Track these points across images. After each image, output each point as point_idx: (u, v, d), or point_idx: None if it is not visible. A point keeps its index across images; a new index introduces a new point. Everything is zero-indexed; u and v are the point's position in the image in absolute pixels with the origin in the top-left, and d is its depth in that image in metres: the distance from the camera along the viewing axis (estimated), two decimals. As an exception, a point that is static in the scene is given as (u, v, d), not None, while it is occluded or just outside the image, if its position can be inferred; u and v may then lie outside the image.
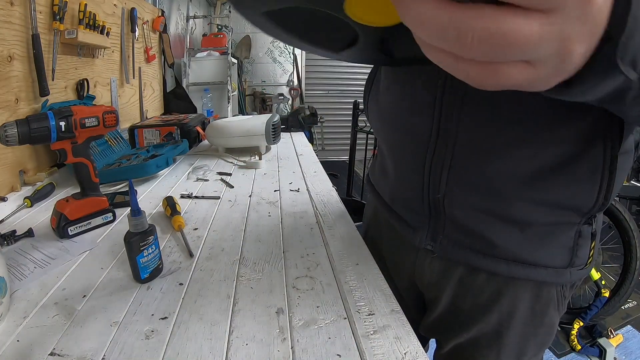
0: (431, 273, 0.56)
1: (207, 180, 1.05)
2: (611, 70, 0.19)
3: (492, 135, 0.43)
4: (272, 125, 1.30)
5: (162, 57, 1.96)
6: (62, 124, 0.66)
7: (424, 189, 0.51)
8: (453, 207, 0.49)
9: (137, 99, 1.65)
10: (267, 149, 1.42)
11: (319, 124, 3.10)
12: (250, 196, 0.92)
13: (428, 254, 0.55)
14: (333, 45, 0.29)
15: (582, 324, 1.67)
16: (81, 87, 1.16)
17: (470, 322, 0.54)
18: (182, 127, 1.38)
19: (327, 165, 1.36)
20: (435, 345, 0.65)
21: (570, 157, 0.41)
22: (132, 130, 1.37)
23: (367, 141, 2.50)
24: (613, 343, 1.63)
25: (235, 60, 3.11)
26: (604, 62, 0.18)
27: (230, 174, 1.11)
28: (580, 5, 0.16)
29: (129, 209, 0.54)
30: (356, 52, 0.29)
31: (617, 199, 2.10)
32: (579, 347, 1.63)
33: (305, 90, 4.35)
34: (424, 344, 0.74)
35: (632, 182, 2.45)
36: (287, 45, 4.19)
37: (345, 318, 0.46)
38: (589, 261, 0.49)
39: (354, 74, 4.49)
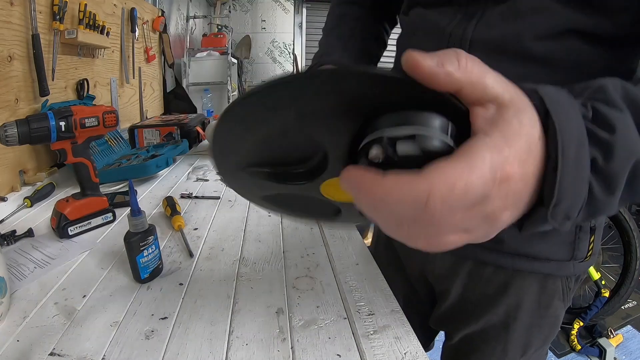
0: (442, 266, 0.58)
1: (207, 180, 1.05)
2: (546, 223, 0.22)
3: None
4: (272, 125, 1.29)
5: (162, 57, 1.96)
6: (62, 124, 0.66)
7: None
8: None
9: (137, 99, 1.65)
10: (267, 149, 1.42)
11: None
12: (250, 196, 0.92)
13: None
14: (326, 216, 0.35)
15: (582, 324, 1.67)
16: (81, 87, 1.15)
17: (478, 313, 0.55)
18: (182, 127, 1.38)
19: (327, 165, 1.35)
20: (442, 341, 0.66)
21: None
22: (132, 130, 1.37)
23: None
24: (613, 343, 1.63)
25: (235, 60, 3.10)
26: (538, 220, 0.22)
27: (230, 174, 1.10)
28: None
29: (129, 209, 0.54)
30: (345, 219, 0.35)
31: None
32: (579, 347, 1.63)
33: (305, 90, 4.34)
34: (432, 337, 0.75)
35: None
36: (287, 45, 4.20)
37: (345, 318, 0.46)
38: (589, 254, 0.50)
39: (354, 74, 4.49)
